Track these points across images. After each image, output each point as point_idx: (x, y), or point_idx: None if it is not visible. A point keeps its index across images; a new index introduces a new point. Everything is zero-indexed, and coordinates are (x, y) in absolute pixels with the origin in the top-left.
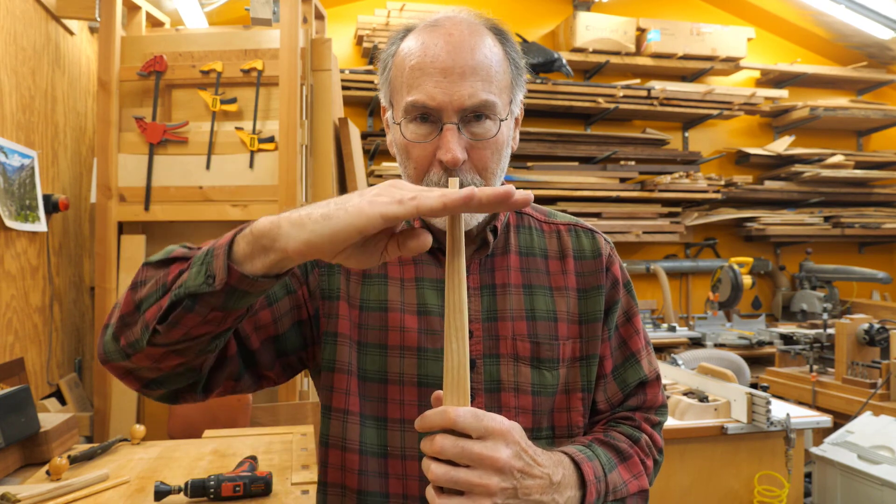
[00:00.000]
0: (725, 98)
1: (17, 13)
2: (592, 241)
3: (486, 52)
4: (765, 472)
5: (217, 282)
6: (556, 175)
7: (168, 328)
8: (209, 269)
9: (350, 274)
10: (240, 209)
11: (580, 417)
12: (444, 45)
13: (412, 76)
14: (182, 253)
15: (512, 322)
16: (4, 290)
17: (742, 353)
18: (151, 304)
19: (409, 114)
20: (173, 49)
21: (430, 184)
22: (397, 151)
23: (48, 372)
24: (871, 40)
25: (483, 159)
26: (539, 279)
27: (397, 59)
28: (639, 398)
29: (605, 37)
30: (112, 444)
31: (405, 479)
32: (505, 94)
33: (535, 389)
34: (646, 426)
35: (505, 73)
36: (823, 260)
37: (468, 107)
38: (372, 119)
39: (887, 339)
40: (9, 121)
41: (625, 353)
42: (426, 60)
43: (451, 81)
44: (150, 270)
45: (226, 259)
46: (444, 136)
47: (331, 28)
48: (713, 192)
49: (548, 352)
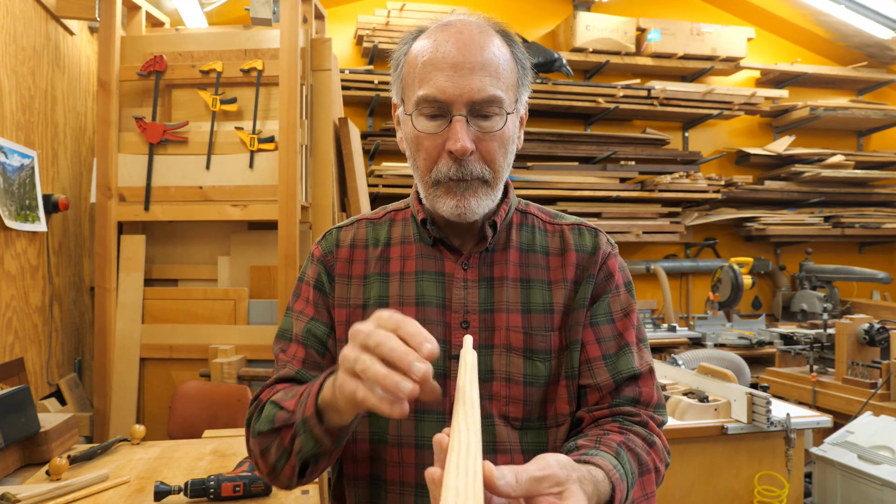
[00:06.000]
0: (725, 98)
1: (17, 13)
2: (595, 239)
3: (494, 51)
4: (765, 472)
5: (323, 443)
6: (556, 175)
7: (310, 475)
8: (313, 435)
9: (351, 278)
10: (240, 209)
11: (565, 405)
12: (455, 43)
13: (424, 71)
14: (284, 420)
15: (507, 314)
16: (4, 290)
17: (742, 353)
18: (284, 466)
19: (421, 107)
20: (173, 49)
21: (438, 175)
22: (407, 145)
23: (48, 372)
24: (871, 40)
25: (490, 151)
26: (538, 274)
27: (409, 58)
28: (633, 390)
29: (605, 37)
30: (112, 444)
31: (401, 466)
32: (511, 92)
33: (527, 380)
34: (653, 426)
35: (512, 71)
36: (823, 260)
37: (477, 100)
38: (372, 119)
39: (887, 339)
40: (9, 121)
41: (619, 343)
42: (437, 56)
43: (461, 76)
44: (266, 439)
45: (318, 424)
46: (454, 126)
47: (331, 28)
48: (713, 192)
49: (541, 343)
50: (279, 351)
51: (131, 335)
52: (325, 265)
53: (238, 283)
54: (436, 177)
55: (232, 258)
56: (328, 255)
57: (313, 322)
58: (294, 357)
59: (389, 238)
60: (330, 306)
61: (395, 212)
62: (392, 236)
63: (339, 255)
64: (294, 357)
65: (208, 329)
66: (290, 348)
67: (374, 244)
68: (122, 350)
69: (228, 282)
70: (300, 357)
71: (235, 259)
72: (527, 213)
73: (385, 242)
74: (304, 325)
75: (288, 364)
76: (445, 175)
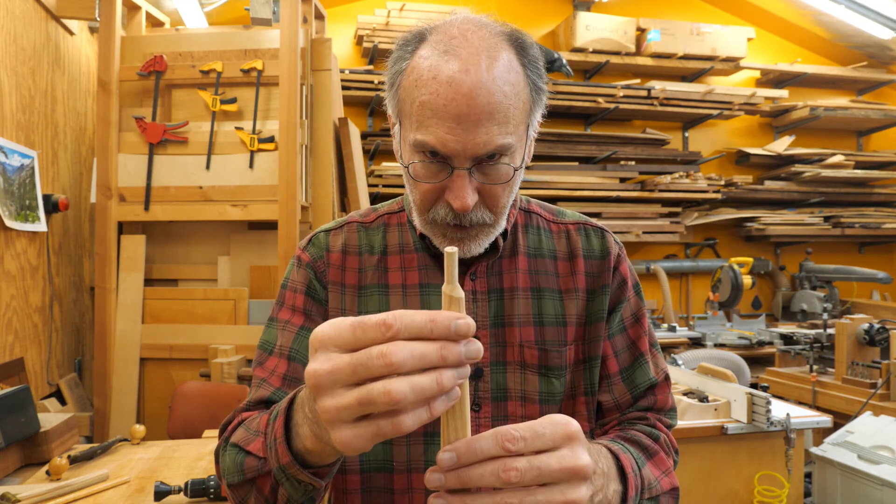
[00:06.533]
0: (725, 98)
1: (17, 13)
2: (602, 241)
3: (505, 90)
4: (765, 472)
5: (315, 485)
6: (556, 175)
7: None
8: (298, 480)
9: (345, 287)
10: (240, 209)
11: (585, 423)
12: (459, 87)
13: (423, 114)
14: (255, 469)
15: (519, 328)
16: (4, 290)
17: (742, 353)
18: None
19: (418, 149)
20: (173, 49)
21: (436, 216)
22: (403, 174)
23: (48, 372)
24: (871, 40)
25: (495, 197)
26: (548, 281)
27: (406, 81)
28: (649, 400)
29: (605, 37)
30: (112, 444)
31: (411, 492)
32: (522, 126)
33: (543, 398)
34: (660, 426)
35: (524, 102)
36: (823, 260)
37: (481, 154)
38: (372, 119)
39: (887, 339)
40: (9, 121)
41: (634, 353)
42: (439, 102)
43: (465, 129)
44: (240, 490)
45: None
46: (455, 181)
47: (331, 28)
48: (713, 192)
49: (556, 359)
50: (256, 365)
51: (131, 335)
52: (316, 271)
53: (238, 283)
54: (433, 217)
55: (232, 258)
56: (318, 261)
57: (305, 332)
58: (273, 373)
59: (385, 246)
60: (325, 316)
61: (387, 215)
62: (388, 243)
63: (331, 261)
64: (273, 373)
65: (208, 329)
66: (269, 362)
67: (368, 251)
68: (122, 350)
69: (228, 282)
70: (280, 372)
71: (235, 259)
72: (530, 212)
73: (381, 251)
74: (292, 335)
75: (264, 383)
76: (443, 220)
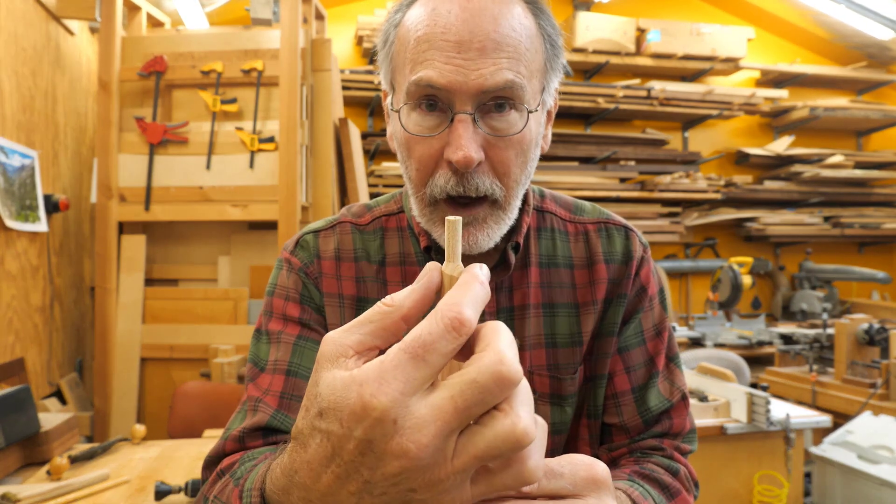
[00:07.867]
0: (725, 98)
1: (18, 13)
2: (626, 242)
3: (513, 24)
4: (765, 471)
5: None
6: (556, 175)
7: None
8: None
9: (343, 298)
10: (240, 209)
11: (586, 447)
12: (460, 12)
13: (418, 49)
14: None
15: (530, 351)
16: (5, 290)
17: (742, 353)
18: None
19: (413, 97)
20: (173, 49)
21: (434, 189)
22: (398, 146)
23: (48, 372)
24: (870, 40)
25: (505, 161)
26: (562, 295)
27: (401, 31)
28: (664, 425)
29: (605, 37)
30: (112, 443)
31: None
32: (536, 79)
33: (555, 429)
34: (678, 456)
35: (537, 51)
36: (823, 260)
37: (488, 89)
38: (372, 119)
39: (887, 339)
40: (9, 121)
41: (650, 371)
42: (436, 30)
43: (466, 58)
44: None
45: None
46: (455, 128)
47: (331, 28)
48: (713, 192)
49: (570, 387)
50: (248, 381)
51: (132, 335)
52: (310, 277)
53: (238, 283)
54: (432, 192)
55: (232, 258)
56: (310, 266)
57: (304, 342)
58: (268, 391)
59: (384, 256)
60: (325, 328)
61: (385, 217)
62: (387, 252)
63: (324, 269)
64: (268, 391)
65: (208, 329)
66: (262, 379)
67: (365, 258)
68: (122, 350)
69: (229, 282)
70: (276, 390)
71: (235, 259)
72: (544, 211)
73: (379, 261)
74: (289, 347)
75: (259, 404)
76: (443, 190)
